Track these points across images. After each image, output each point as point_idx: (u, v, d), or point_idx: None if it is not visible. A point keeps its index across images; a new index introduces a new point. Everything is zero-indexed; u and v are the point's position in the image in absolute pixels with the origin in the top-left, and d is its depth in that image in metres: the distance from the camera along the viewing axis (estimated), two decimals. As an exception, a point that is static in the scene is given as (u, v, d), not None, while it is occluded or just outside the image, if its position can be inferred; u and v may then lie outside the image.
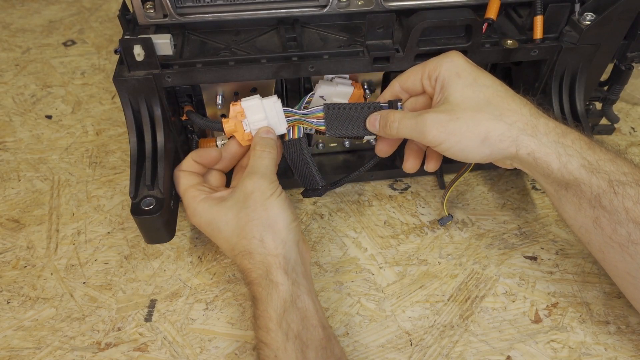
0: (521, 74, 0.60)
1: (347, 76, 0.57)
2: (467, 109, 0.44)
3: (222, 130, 0.51)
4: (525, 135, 0.43)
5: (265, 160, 0.49)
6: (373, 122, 0.50)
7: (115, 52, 0.49)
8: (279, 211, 0.46)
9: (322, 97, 0.55)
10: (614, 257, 0.43)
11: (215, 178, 0.54)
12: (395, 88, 0.51)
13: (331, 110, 0.51)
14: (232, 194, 0.48)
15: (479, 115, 0.43)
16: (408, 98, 0.52)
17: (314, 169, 0.52)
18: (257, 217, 0.45)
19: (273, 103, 0.51)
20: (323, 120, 0.51)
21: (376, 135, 0.55)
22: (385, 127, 0.48)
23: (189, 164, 0.52)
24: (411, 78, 0.49)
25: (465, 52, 0.51)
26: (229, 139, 0.53)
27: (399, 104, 0.50)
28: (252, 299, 0.45)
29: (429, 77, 0.47)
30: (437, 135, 0.44)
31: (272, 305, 0.43)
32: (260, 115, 0.50)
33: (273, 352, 0.41)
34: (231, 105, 0.51)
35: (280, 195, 0.47)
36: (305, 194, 0.54)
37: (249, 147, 0.52)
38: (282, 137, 0.54)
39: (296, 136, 0.53)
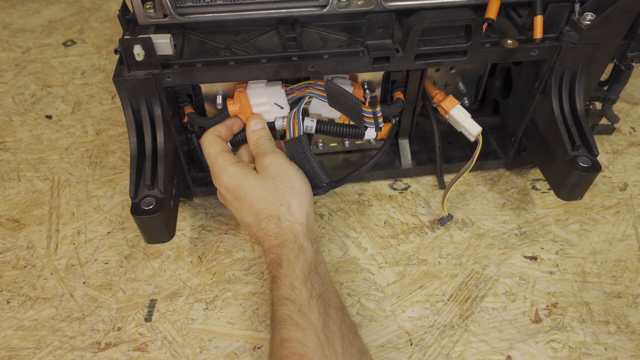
0: (521, 74, 0.60)
1: (347, 76, 0.57)
2: None
3: (229, 117, 0.54)
4: None
5: (266, 143, 0.52)
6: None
7: (115, 52, 0.49)
8: (302, 182, 0.50)
9: (322, 96, 0.55)
10: None
11: (246, 155, 0.55)
12: None
13: (331, 88, 0.52)
14: (257, 168, 0.52)
15: None
16: None
17: (316, 166, 0.52)
18: (282, 186, 0.49)
19: (277, 89, 0.54)
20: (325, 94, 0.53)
21: (377, 134, 0.56)
22: None
23: (221, 127, 0.54)
24: None
25: (465, 52, 0.51)
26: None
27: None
28: (275, 260, 0.47)
29: None
30: None
31: (299, 267, 0.45)
32: (263, 99, 0.53)
33: (297, 306, 0.43)
34: (236, 89, 0.54)
35: (299, 169, 0.51)
36: None
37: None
38: (283, 136, 0.54)
39: (297, 134, 0.53)
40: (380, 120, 0.54)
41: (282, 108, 0.54)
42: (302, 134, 0.53)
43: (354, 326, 0.45)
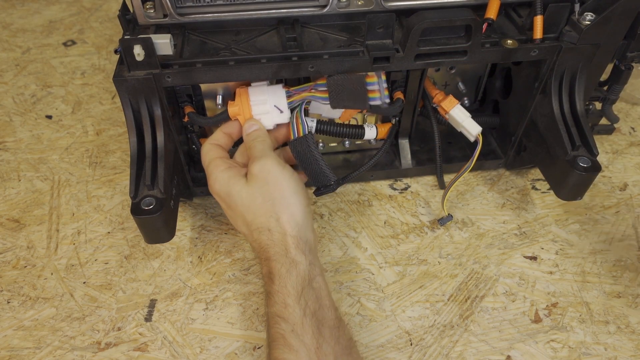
0: (521, 74, 0.60)
1: (347, 76, 0.57)
2: None
3: (229, 118, 0.53)
4: None
5: (259, 146, 0.50)
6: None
7: (115, 52, 0.49)
8: (293, 191, 0.48)
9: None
10: None
11: (242, 156, 0.54)
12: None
13: (334, 81, 0.52)
14: (247, 176, 0.50)
15: None
16: None
17: (323, 164, 0.52)
18: (270, 196, 0.47)
19: (278, 89, 0.53)
20: (327, 94, 0.52)
21: (377, 133, 0.56)
22: None
23: (219, 135, 0.53)
24: None
25: (465, 52, 0.51)
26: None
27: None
28: (268, 274, 0.46)
29: None
30: None
31: (291, 282, 0.44)
32: (263, 98, 0.52)
33: (290, 326, 0.42)
34: (237, 88, 0.53)
35: (292, 175, 0.49)
36: (318, 193, 0.53)
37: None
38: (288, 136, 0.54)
39: (301, 134, 0.53)
40: (387, 93, 0.54)
41: (281, 112, 0.53)
42: (307, 132, 0.53)
43: (350, 342, 0.44)
